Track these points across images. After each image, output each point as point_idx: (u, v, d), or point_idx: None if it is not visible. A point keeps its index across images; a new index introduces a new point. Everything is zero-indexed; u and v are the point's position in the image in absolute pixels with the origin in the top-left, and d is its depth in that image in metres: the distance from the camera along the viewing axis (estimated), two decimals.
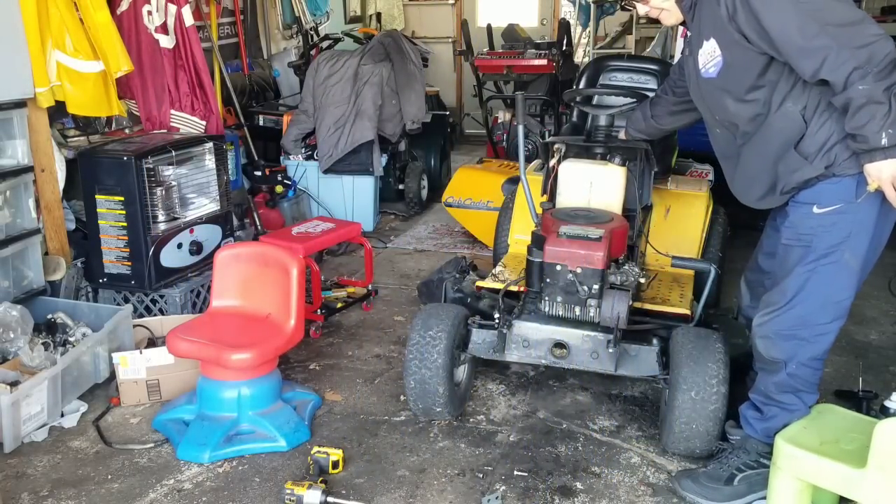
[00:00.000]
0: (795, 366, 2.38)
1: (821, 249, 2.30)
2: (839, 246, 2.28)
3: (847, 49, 2.06)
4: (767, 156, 2.37)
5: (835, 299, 2.33)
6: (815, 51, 2.10)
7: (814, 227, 2.31)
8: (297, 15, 7.03)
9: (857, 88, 2.06)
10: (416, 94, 5.48)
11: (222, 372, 2.79)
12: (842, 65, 2.07)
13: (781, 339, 2.39)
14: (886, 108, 2.04)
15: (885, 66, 2.04)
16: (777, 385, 2.42)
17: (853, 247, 2.28)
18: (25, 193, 3.43)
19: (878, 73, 2.04)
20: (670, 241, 3.48)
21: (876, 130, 2.06)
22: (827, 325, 2.35)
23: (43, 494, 2.57)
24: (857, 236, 2.28)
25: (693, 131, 3.37)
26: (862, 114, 2.07)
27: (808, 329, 2.35)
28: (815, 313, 2.34)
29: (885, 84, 2.04)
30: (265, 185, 5.24)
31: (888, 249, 2.49)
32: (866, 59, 2.04)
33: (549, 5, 9.49)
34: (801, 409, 2.41)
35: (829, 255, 2.29)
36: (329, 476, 2.62)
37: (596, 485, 2.62)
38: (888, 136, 2.05)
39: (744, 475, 2.48)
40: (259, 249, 3.08)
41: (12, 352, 3.09)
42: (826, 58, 2.09)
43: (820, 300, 2.33)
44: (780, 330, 2.40)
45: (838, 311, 2.35)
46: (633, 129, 3.18)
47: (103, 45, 3.56)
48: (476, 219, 5.07)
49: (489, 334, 2.91)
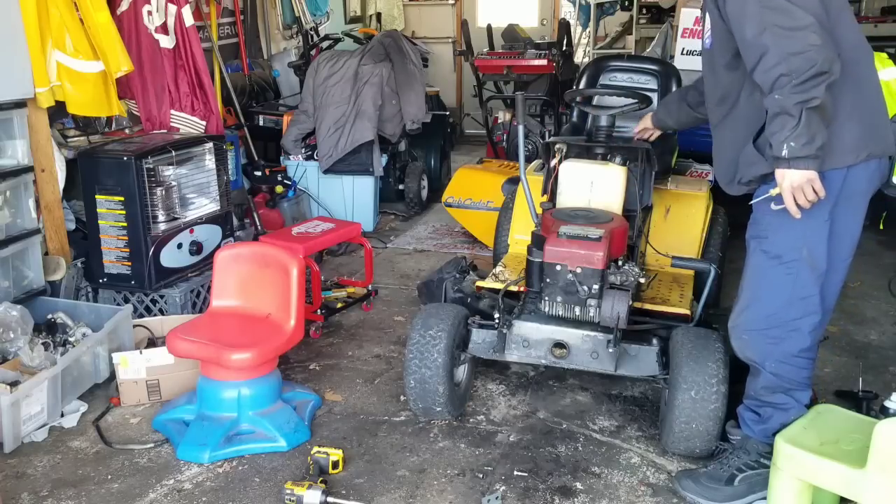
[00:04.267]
0: (774, 364, 2.39)
1: (780, 246, 2.33)
2: (797, 243, 2.30)
3: (781, 54, 2.08)
4: (735, 142, 2.42)
5: (800, 295, 2.34)
6: (756, 48, 2.15)
7: (771, 223, 2.34)
8: (297, 15, 7.03)
9: (774, 97, 2.10)
10: (416, 95, 5.48)
11: (222, 372, 2.79)
12: (772, 69, 2.10)
13: (753, 339, 2.42)
14: (795, 122, 2.07)
15: (807, 78, 2.05)
16: (765, 387, 2.43)
17: (811, 243, 2.30)
18: (25, 193, 3.43)
19: (796, 86, 2.06)
20: (670, 241, 3.48)
21: (781, 140, 2.11)
22: (797, 322, 2.36)
23: (43, 494, 2.57)
24: (815, 232, 2.29)
25: (693, 131, 3.37)
26: (775, 122, 2.12)
27: (777, 328, 2.37)
28: (782, 310, 2.36)
29: (801, 98, 2.06)
30: (265, 185, 5.25)
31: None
32: (795, 67, 2.06)
33: (549, 5, 9.50)
34: (796, 407, 2.42)
35: (789, 252, 2.31)
36: (329, 476, 2.62)
37: (596, 485, 2.62)
38: (788, 149, 2.10)
39: (744, 475, 2.48)
40: (259, 249, 3.08)
41: (12, 352, 3.09)
42: (761, 58, 2.13)
43: (785, 297, 2.35)
44: (751, 329, 2.42)
45: (806, 307, 2.35)
46: (664, 114, 3.16)
47: (103, 46, 3.56)
48: (476, 219, 5.07)
49: (489, 334, 2.91)
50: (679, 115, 3.10)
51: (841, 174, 2.25)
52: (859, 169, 2.27)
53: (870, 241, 5.06)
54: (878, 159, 2.30)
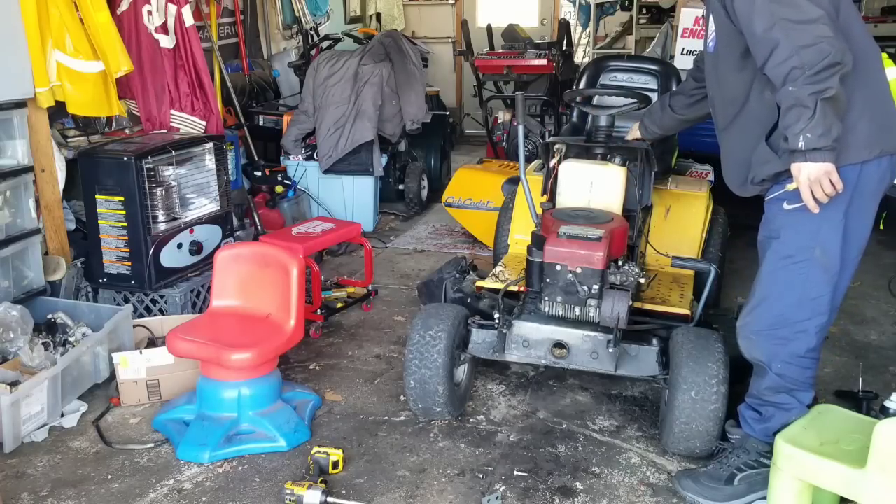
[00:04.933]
0: (780, 365, 2.39)
1: (792, 246, 2.32)
2: (809, 243, 2.29)
3: (793, 47, 2.08)
4: (746, 143, 2.40)
5: (810, 296, 2.33)
6: (766, 43, 2.14)
7: (784, 224, 2.33)
8: (297, 15, 7.03)
9: (788, 90, 2.09)
10: (416, 95, 5.48)
11: (222, 372, 2.79)
12: (784, 62, 2.10)
13: (761, 340, 2.41)
14: (810, 113, 2.06)
15: (821, 69, 2.04)
16: (769, 388, 2.43)
17: (823, 243, 2.29)
18: (25, 193, 3.43)
19: (810, 77, 2.05)
20: (670, 242, 3.48)
21: (796, 133, 2.09)
22: (805, 323, 2.35)
23: (43, 494, 2.57)
24: (827, 233, 2.28)
25: (693, 131, 3.37)
26: (789, 115, 2.11)
27: (786, 328, 2.36)
28: (791, 311, 2.35)
29: (815, 88, 2.05)
30: (265, 185, 5.25)
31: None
32: (807, 59, 2.06)
33: (549, 5, 9.50)
34: (798, 408, 2.41)
35: (800, 252, 2.31)
36: (329, 476, 2.62)
37: (596, 485, 2.62)
38: (805, 140, 2.08)
39: (744, 475, 2.48)
40: (259, 249, 3.08)
41: (12, 352, 3.09)
42: (773, 52, 2.12)
43: (794, 298, 2.34)
44: (759, 330, 2.42)
45: (816, 308, 2.35)
46: (649, 121, 3.16)
47: (103, 46, 3.56)
48: (476, 219, 5.07)
49: (489, 334, 2.91)
50: (664, 120, 3.10)
51: (855, 171, 2.24)
52: (872, 166, 2.26)
53: (870, 241, 5.03)
54: (889, 157, 2.30)
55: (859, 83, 2.21)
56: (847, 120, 2.17)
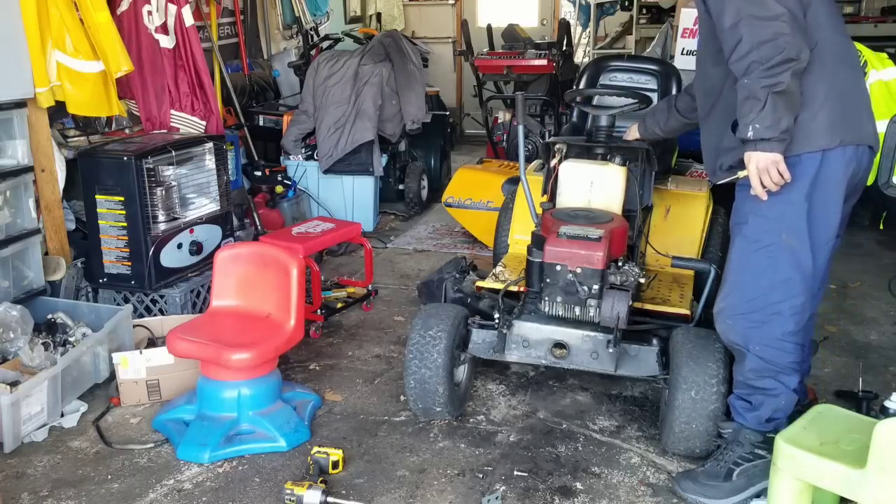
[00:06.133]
0: (759, 347, 2.43)
1: (758, 230, 2.39)
2: (775, 226, 2.36)
3: (753, 42, 2.18)
4: (719, 132, 2.49)
5: (781, 278, 2.38)
6: (732, 37, 2.24)
7: (751, 209, 2.40)
8: (297, 15, 7.03)
9: (744, 82, 2.21)
10: (416, 95, 5.48)
11: (222, 372, 2.79)
12: (745, 56, 2.21)
13: (737, 323, 2.46)
14: (761, 105, 2.17)
15: (774, 64, 2.15)
16: (752, 370, 2.46)
17: (790, 227, 2.35)
18: (25, 193, 3.43)
19: (764, 71, 2.16)
20: (670, 242, 3.48)
21: (747, 123, 2.21)
22: (778, 305, 2.39)
23: (43, 494, 2.57)
24: (791, 218, 2.34)
25: (693, 131, 3.36)
26: (744, 106, 2.22)
27: (759, 311, 2.41)
28: (764, 294, 2.40)
29: (767, 82, 2.16)
30: (265, 185, 5.25)
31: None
32: (764, 54, 2.15)
33: (549, 5, 9.50)
34: (785, 392, 2.45)
35: (767, 235, 2.37)
36: (329, 476, 2.62)
37: (596, 485, 2.62)
38: (754, 130, 2.20)
39: (742, 468, 2.49)
40: (259, 249, 3.08)
41: (12, 352, 3.09)
42: (736, 46, 2.22)
43: (766, 281, 2.39)
44: (734, 314, 2.46)
45: (788, 290, 2.39)
46: (651, 122, 3.17)
47: (103, 46, 3.56)
48: (476, 219, 5.07)
49: (489, 334, 2.91)
50: (668, 121, 3.11)
51: (816, 158, 2.31)
52: (835, 154, 2.32)
53: (870, 241, 5.07)
54: (854, 146, 2.34)
55: (825, 77, 2.30)
56: (808, 110, 2.27)
